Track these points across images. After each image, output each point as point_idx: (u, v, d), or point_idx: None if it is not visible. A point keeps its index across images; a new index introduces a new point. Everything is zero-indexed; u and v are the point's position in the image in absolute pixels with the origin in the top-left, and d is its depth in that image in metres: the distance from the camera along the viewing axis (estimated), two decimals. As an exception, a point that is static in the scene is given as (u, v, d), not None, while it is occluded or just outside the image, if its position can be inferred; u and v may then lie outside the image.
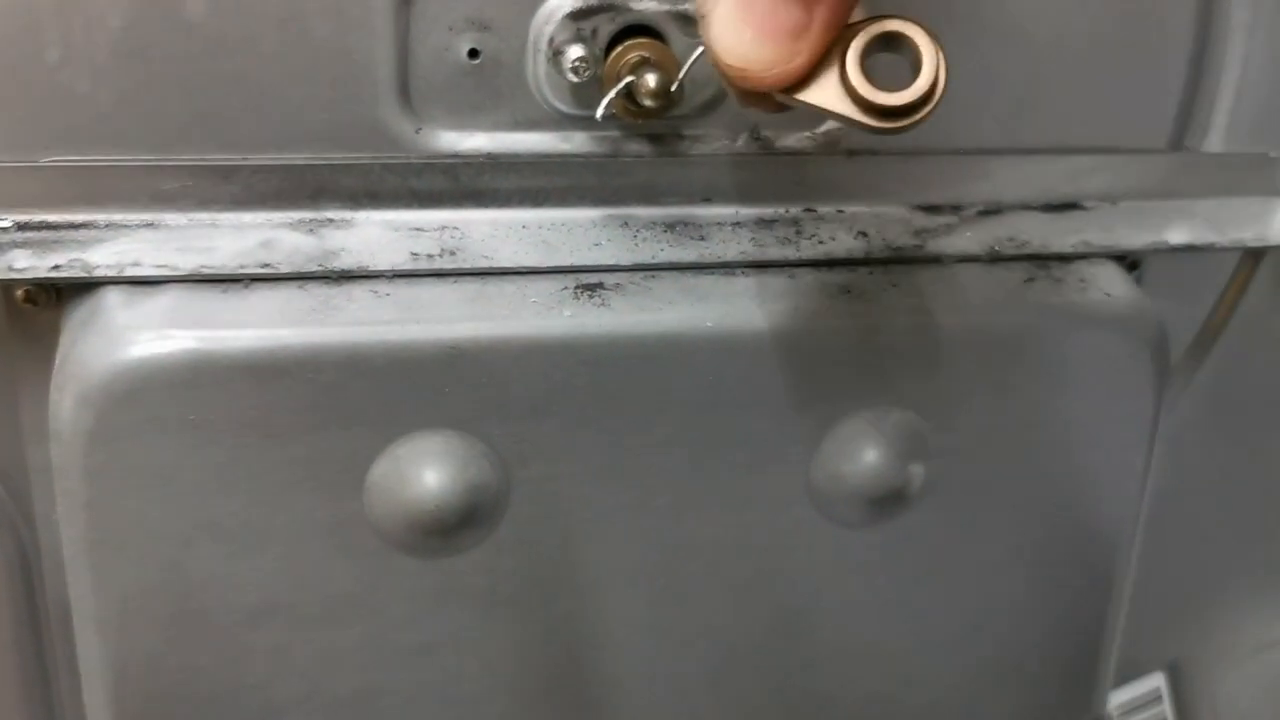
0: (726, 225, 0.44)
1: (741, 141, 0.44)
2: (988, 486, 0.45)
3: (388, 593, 0.40)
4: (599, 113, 0.41)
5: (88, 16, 0.38)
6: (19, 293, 0.40)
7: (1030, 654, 0.48)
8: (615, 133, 0.43)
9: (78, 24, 0.38)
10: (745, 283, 0.42)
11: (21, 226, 0.39)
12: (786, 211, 0.45)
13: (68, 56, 0.38)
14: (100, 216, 0.39)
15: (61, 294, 0.40)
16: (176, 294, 0.38)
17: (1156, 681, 0.60)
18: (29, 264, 0.38)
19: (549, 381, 0.39)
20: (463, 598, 0.41)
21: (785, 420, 0.41)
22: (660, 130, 0.43)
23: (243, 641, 0.40)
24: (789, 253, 0.43)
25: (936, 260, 0.43)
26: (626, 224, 0.43)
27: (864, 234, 0.44)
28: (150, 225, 0.40)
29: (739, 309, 0.41)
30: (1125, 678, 0.59)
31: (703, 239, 0.43)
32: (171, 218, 0.40)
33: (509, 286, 0.40)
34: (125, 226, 0.39)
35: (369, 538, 0.39)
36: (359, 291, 0.39)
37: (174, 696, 0.40)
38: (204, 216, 0.40)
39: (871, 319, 0.41)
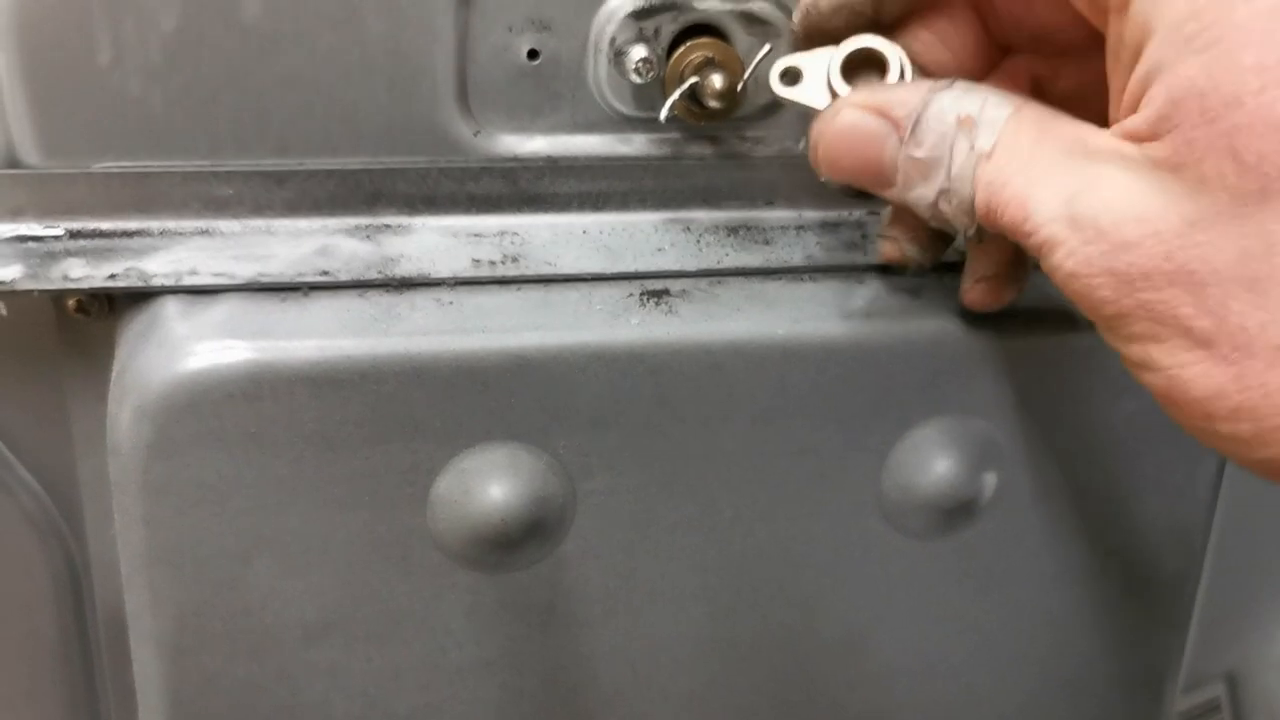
0: (790, 229, 0.43)
1: (804, 144, 0.43)
2: (1058, 496, 0.43)
3: (449, 608, 0.39)
4: (663, 114, 0.40)
5: (140, 18, 0.37)
6: (70, 302, 0.39)
7: (1097, 667, 0.47)
8: (676, 134, 0.42)
9: (130, 26, 0.37)
10: (812, 288, 0.41)
11: (74, 234, 0.38)
12: (850, 214, 0.43)
13: (119, 59, 0.37)
14: (154, 224, 0.38)
15: (115, 303, 0.39)
16: (235, 303, 0.37)
17: (1216, 691, 0.59)
18: (85, 273, 0.37)
19: (615, 391, 0.38)
20: (525, 613, 0.40)
21: (855, 429, 0.40)
22: (721, 132, 0.42)
23: (301, 659, 0.39)
24: (856, 257, 0.42)
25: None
26: (689, 228, 0.42)
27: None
28: (205, 232, 0.39)
29: (807, 316, 0.39)
30: (1184, 687, 0.58)
31: (767, 243, 0.42)
32: (226, 224, 0.39)
33: (573, 294, 0.39)
34: (179, 234, 0.38)
35: (431, 552, 0.38)
36: (421, 300, 0.38)
37: (232, 714, 0.39)
38: (259, 223, 0.39)
39: (942, 324, 0.40)
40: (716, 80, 0.39)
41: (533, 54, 0.40)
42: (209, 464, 0.36)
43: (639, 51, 0.39)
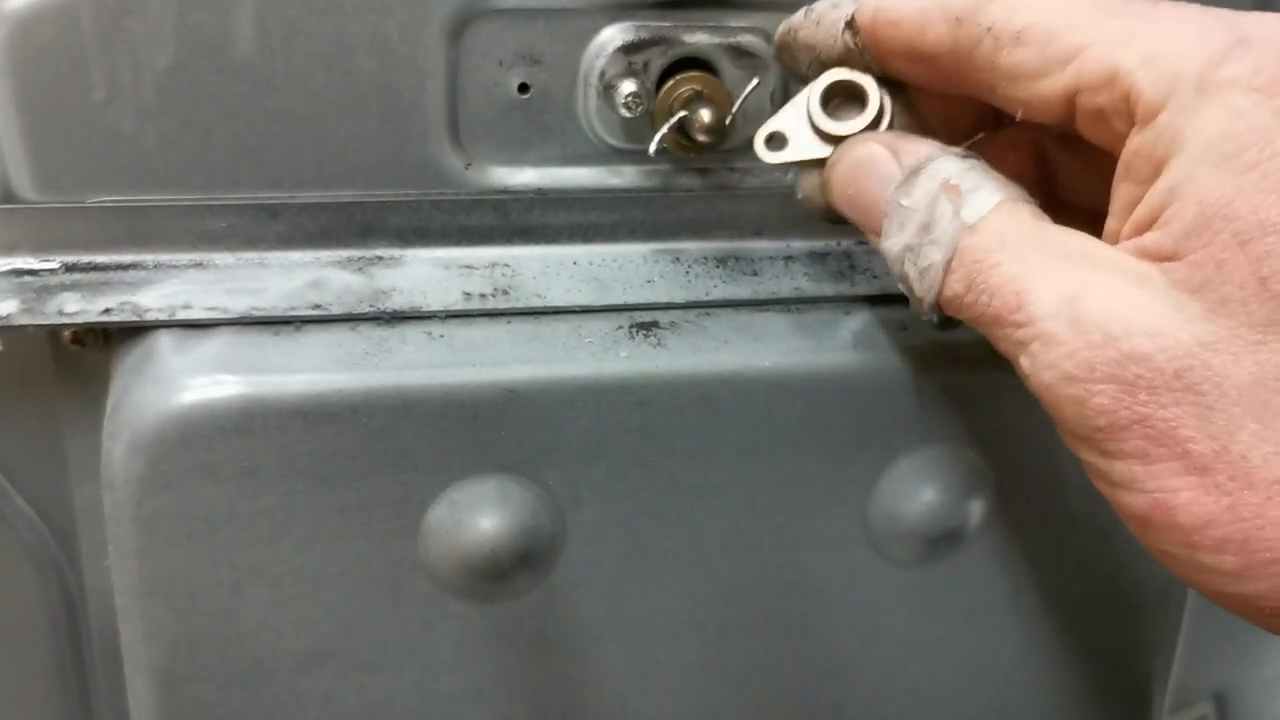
0: (778, 260, 0.43)
1: (791, 174, 0.43)
2: (1044, 522, 0.44)
3: (440, 638, 0.39)
4: (652, 148, 0.40)
5: (134, 56, 0.37)
6: (66, 334, 0.39)
7: (1085, 689, 0.47)
8: (665, 166, 0.43)
9: (124, 63, 0.37)
10: (800, 320, 0.41)
11: (70, 268, 0.38)
12: (839, 245, 0.44)
13: (114, 95, 0.37)
14: (148, 257, 0.39)
15: (110, 335, 0.39)
16: (228, 337, 0.38)
17: (1204, 710, 0.59)
18: (80, 307, 0.37)
19: (604, 424, 0.38)
20: (515, 642, 0.40)
21: (843, 459, 0.41)
22: (710, 164, 0.43)
23: (294, 688, 0.39)
24: (843, 288, 0.43)
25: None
26: (678, 259, 0.42)
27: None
28: (199, 265, 0.39)
29: (794, 348, 0.40)
30: (1173, 705, 0.58)
31: (755, 274, 0.42)
32: (220, 257, 0.39)
33: (563, 326, 0.40)
34: (174, 267, 0.39)
35: (422, 583, 0.39)
36: (412, 333, 0.38)
37: (225, 744, 0.39)
38: (252, 256, 0.40)
39: (929, 355, 0.40)
40: (705, 114, 0.40)
41: (523, 88, 0.41)
42: (202, 497, 0.36)
43: (628, 86, 0.40)
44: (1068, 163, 0.37)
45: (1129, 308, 0.28)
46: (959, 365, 0.40)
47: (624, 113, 0.40)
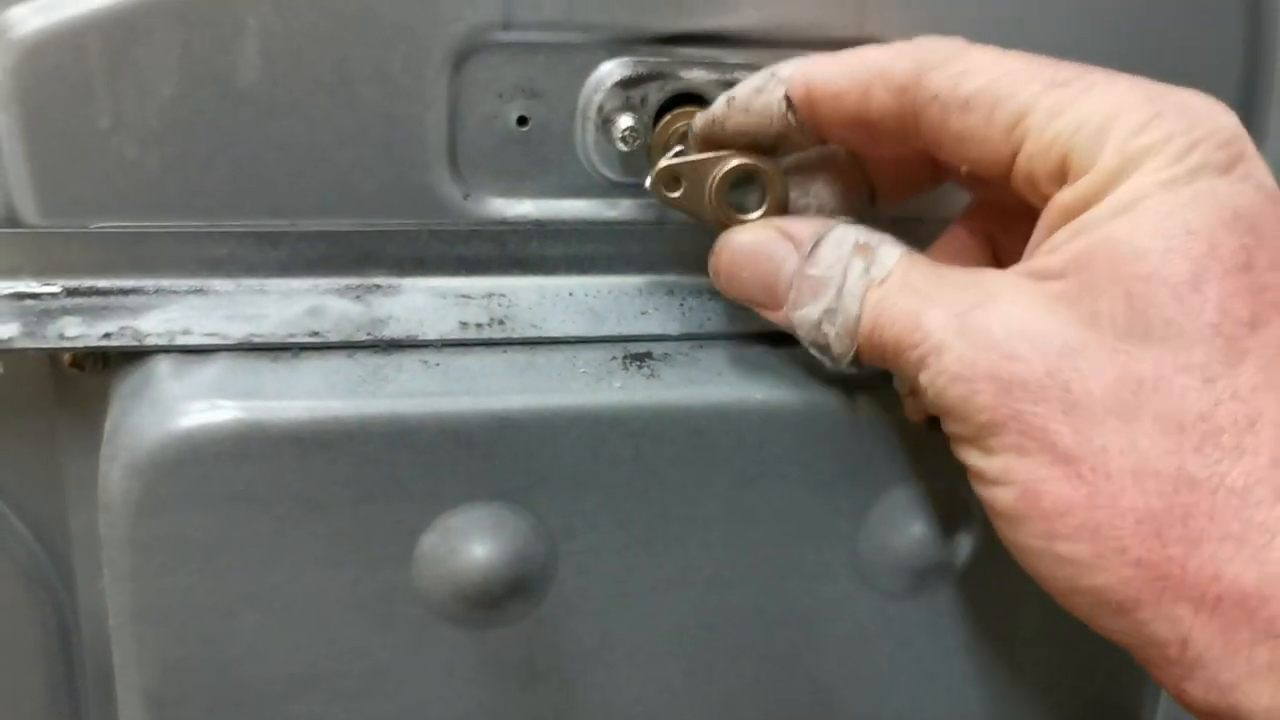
0: (773, 293, 0.44)
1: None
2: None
3: (431, 663, 0.40)
4: (647, 182, 0.40)
5: (139, 84, 0.38)
6: (66, 357, 0.40)
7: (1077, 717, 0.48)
8: (663, 199, 0.43)
9: (129, 91, 0.38)
10: (792, 353, 0.41)
11: (71, 292, 0.39)
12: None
13: (119, 123, 0.38)
14: (149, 282, 0.39)
15: (109, 360, 0.39)
16: (226, 362, 0.38)
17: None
18: (80, 332, 0.38)
19: (597, 453, 0.39)
20: (506, 668, 0.40)
21: (833, 492, 0.41)
22: (707, 197, 0.43)
23: (285, 713, 0.39)
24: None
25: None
26: (673, 291, 0.43)
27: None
28: (199, 291, 0.40)
29: (787, 380, 0.40)
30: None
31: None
32: (220, 284, 0.40)
33: (558, 356, 0.40)
34: (174, 292, 0.39)
35: (415, 609, 0.39)
36: (408, 361, 0.39)
37: (215, 767, 0.39)
38: (252, 283, 0.40)
39: (920, 391, 0.41)
40: (700, 150, 0.40)
41: (522, 120, 0.41)
42: (197, 522, 0.36)
43: (625, 120, 0.40)
44: (1012, 243, 0.38)
45: (1010, 316, 0.31)
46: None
47: (621, 147, 0.41)
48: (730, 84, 0.41)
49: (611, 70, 0.41)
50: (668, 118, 0.41)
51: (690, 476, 0.39)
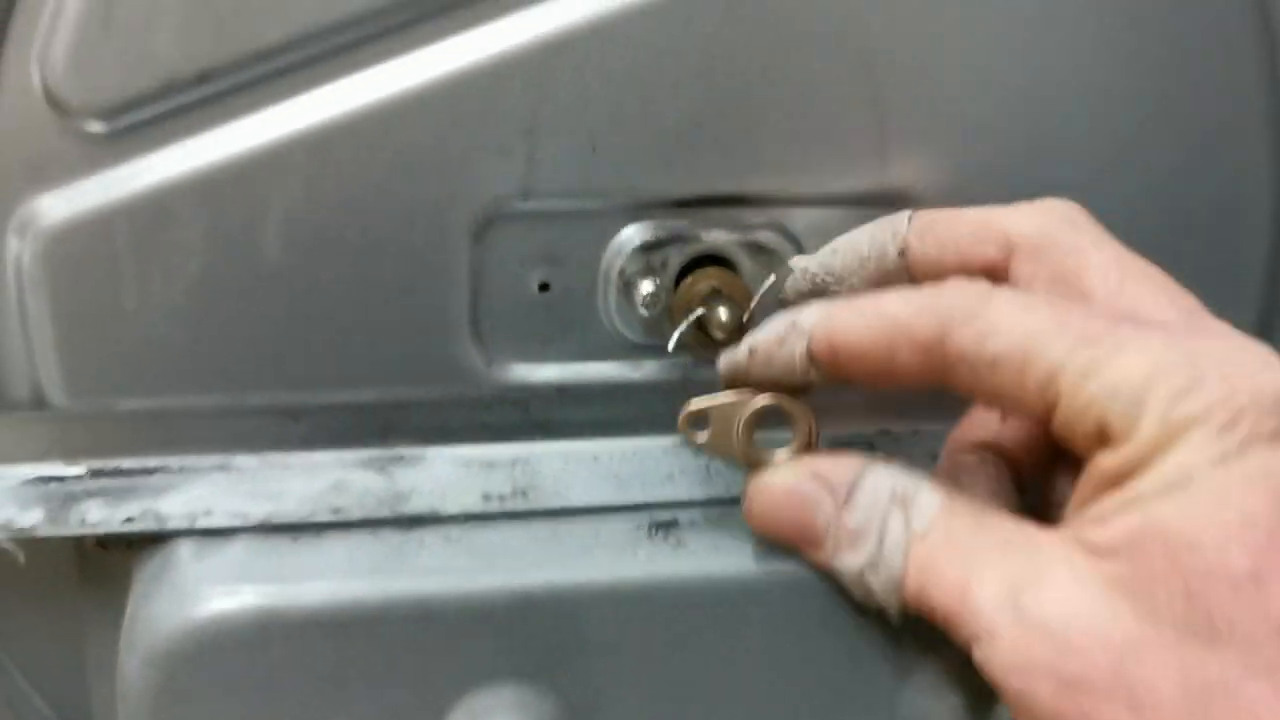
0: (802, 452, 0.43)
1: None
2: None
3: (457, 847, 0.38)
4: (670, 345, 0.40)
5: (166, 263, 0.38)
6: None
7: None
8: (686, 359, 0.43)
9: (155, 271, 0.38)
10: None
11: (96, 474, 0.39)
12: (862, 435, 0.44)
13: (146, 302, 0.38)
14: (174, 460, 0.39)
15: (133, 540, 0.39)
16: (247, 543, 0.38)
17: None
18: (102, 516, 0.38)
19: (622, 629, 0.38)
20: None
21: (869, 661, 0.39)
22: (731, 356, 0.43)
23: None
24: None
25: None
26: (699, 453, 0.42)
27: (938, 457, 0.43)
28: (222, 468, 0.40)
29: (818, 546, 0.39)
30: None
31: (777, 467, 0.42)
32: (243, 460, 0.40)
33: (581, 526, 0.39)
34: (198, 470, 0.39)
35: (438, 791, 0.38)
36: (430, 537, 0.38)
37: None
38: (275, 457, 0.40)
39: (955, 554, 0.40)
40: (722, 313, 0.40)
41: (544, 286, 0.41)
42: (217, 710, 0.36)
43: (646, 286, 0.40)
44: (1037, 467, 0.38)
45: (1068, 601, 0.29)
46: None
47: (642, 312, 0.40)
48: (752, 245, 0.41)
49: (632, 235, 0.41)
50: (689, 279, 0.41)
51: (719, 651, 0.38)
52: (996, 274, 0.36)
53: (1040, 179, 0.42)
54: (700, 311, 0.41)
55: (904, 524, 0.33)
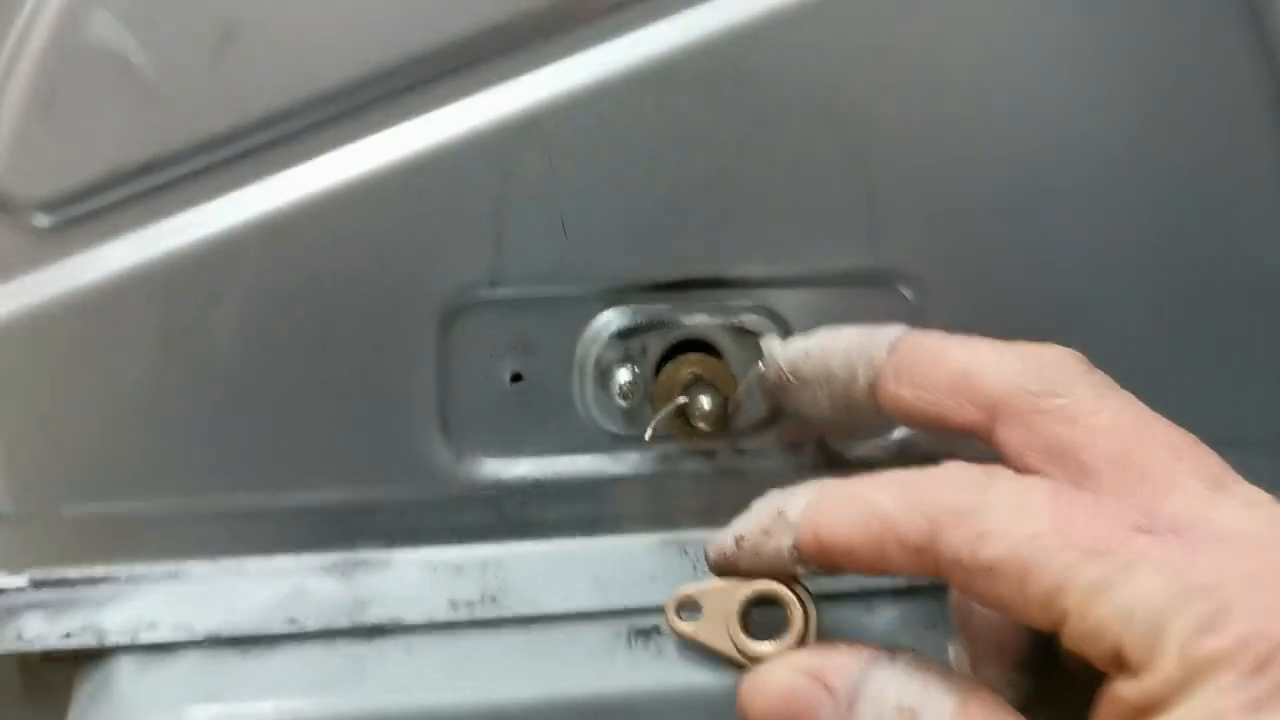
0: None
1: (808, 455, 0.41)
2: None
3: None
4: (647, 435, 0.38)
5: (113, 363, 0.36)
6: (33, 652, 0.37)
7: None
8: (670, 451, 0.40)
9: (103, 372, 0.36)
10: (826, 618, 0.38)
11: (38, 584, 0.37)
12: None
13: (92, 404, 0.36)
14: (121, 569, 0.37)
15: (78, 654, 0.37)
16: (194, 659, 0.35)
17: None
18: (40, 631, 0.36)
19: (599, 748, 0.35)
20: None
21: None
22: (717, 447, 0.40)
23: None
24: (865, 580, 0.39)
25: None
26: (685, 551, 0.40)
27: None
28: (173, 576, 0.37)
29: (812, 652, 0.36)
30: None
31: (769, 566, 0.39)
32: (197, 566, 0.37)
33: (556, 634, 0.37)
34: (147, 578, 0.37)
35: None
36: (391, 648, 0.36)
37: None
38: (231, 563, 0.38)
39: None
40: (705, 402, 0.38)
41: (516, 377, 0.39)
42: (156, 844, 0.33)
43: (624, 375, 0.38)
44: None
45: None
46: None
47: (620, 403, 0.38)
48: (736, 328, 0.39)
49: (609, 321, 0.39)
50: (670, 366, 0.39)
51: (705, 768, 0.35)
52: (979, 436, 0.32)
53: (1041, 251, 0.40)
54: (681, 400, 0.38)
55: None
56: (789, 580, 0.33)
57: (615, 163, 0.37)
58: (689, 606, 0.34)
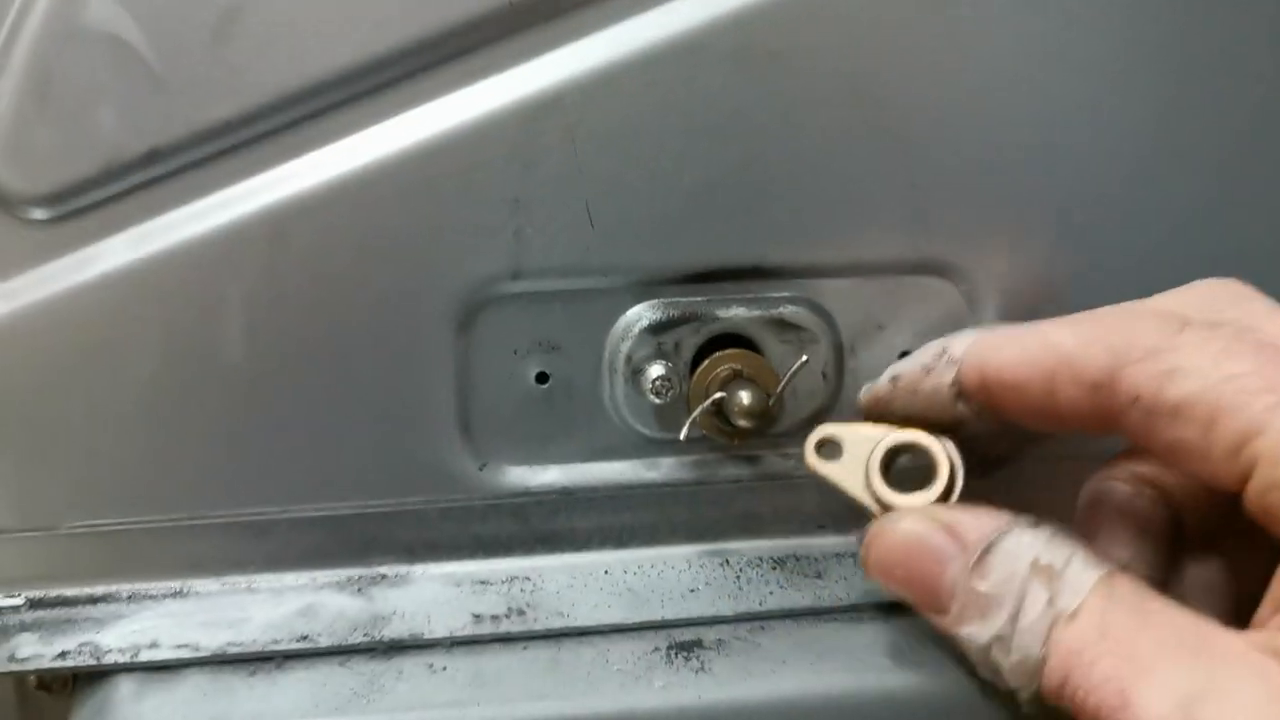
0: (846, 557, 0.37)
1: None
2: None
3: None
4: (683, 434, 0.35)
5: (115, 369, 0.34)
6: (31, 679, 0.35)
7: None
8: (709, 455, 0.38)
9: (104, 378, 0.34)
10: (873, 631, 0.35)
11: (35, 604, 0.35)
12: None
13: (93, 413, 0.34)
14: (123, 587, 0.35)
15: (77, 678, 0.35)
16: (198, 679, 0.33)
17: None
18: (33, 651, 0.33)
19: (637, 771, 0.32)
20: None
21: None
22: (759, 450, 0.38)
23: None
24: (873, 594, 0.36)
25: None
26: (727, 562, 0.37)
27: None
28: (178, 594, 0.35)
29: (868, 666, 0.34)
30: None
31: (819, 576, 0.37)
32: (202, 583, 0.35)
33: (588, 651, 0.34)
34: (150, 596, 0.35)
35: None
36: (411, 666, 0.33)
37: None
38: (239, 579, 0.35)
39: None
40: (744, 397, 0.35)
41: (541, 377, 0.36)
42: None
43: (656, 370, 0.35)
44: (1208, 525, 0.32)
45: (1253, 716, 0.23)
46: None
47: (654, 399, 0.35)
48: (776, 322, 0.36)
49: (639, 315, 0.36)
50: (706, 362, 0.36)
51: (754, 795, 0.32)
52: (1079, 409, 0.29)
53: (1090, 242, 0.37)
54: (719, 395, 0.35)
55: (1047, 600, 0.27)
56: (939, 434, 0.32)
57: (642, 145, 0.35)
58: (829, 446, 0.33)
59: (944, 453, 0.32)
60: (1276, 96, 0.37)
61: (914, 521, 0.31)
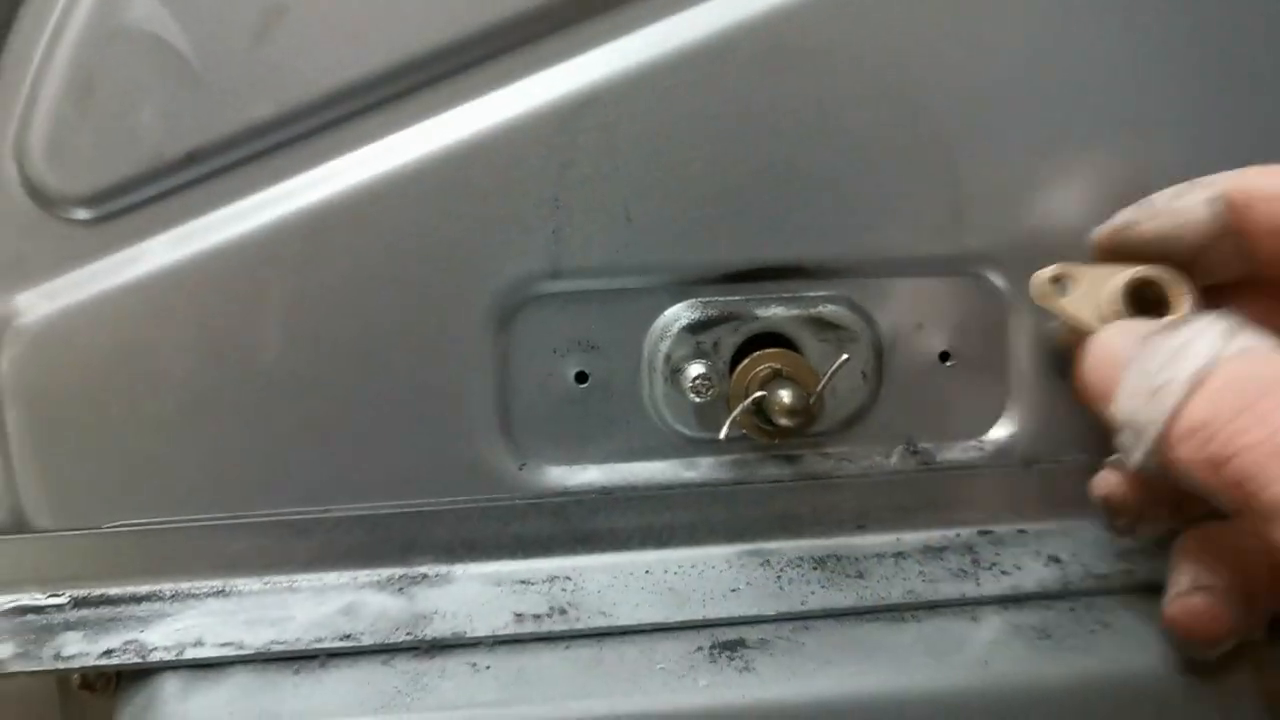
0: (888, 557, 0.37)
1: (896, 457, 0.38)
2: None
3: None
4: (723, 434, 0.35)
5: (155, 368, 0.34)
6: (75, 677, 0.35)
7: None
8: (748, 455, 0.37)
9: (143, 378, 0.34)
10: (917, 631, 0.34)
11: (79, 603, 0.34)
12: (958, 536, 0.38)
13: (132, 413, 0.34)
14: (166, 586, 0.35)
15: (120, 676, 0.35)
16: (242, 677, 0.33)
17: None
18: (79, 650, 0.33)
19: (682, 770, 0.31)
20: None
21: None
22: (799, 450, 0.37)
23: None
24: (967, 588, 0.36)
25: (1153, 589, 0.35)
26: (768, 562, 0.37)
27: (1056, 559, 0.37)
28: (220, 593, 0.35)
29: (912, 666, 0.33)
30: None
31: (860, 576, 0.36)
32: (244, 583, 0.35)
33: (631, 650, 0.34)
34: (193, 595, 0.35)
35: None
36: (454, 665, 0.33)
37: None
38: (280, 579, 0.35)
39: (1084, 674, 0.33)
40: (785, 395, 0.35)
41: (581, 377, 0.36)
42: None
43: (696, 369, 0.35)
44: None
45: None
46: (1119, 684, 0.33)
47: (694, 398, 0.35)
48: (815, 320, 0.36)
49: (678, 314, 0.36)
50: (746, 362, 0.36)
51: (799, 795, 0.32)
52: None
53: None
54: (759, 394, 0.35)
55: (1211, 343, 0.28)
56: (1171, 271, 0.33)
57: (681, 144, 0.35)
58: (1060, 281, 0.34)
59: (1180, 284, 0.33)
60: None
61: (1117, 331, 0.31)
